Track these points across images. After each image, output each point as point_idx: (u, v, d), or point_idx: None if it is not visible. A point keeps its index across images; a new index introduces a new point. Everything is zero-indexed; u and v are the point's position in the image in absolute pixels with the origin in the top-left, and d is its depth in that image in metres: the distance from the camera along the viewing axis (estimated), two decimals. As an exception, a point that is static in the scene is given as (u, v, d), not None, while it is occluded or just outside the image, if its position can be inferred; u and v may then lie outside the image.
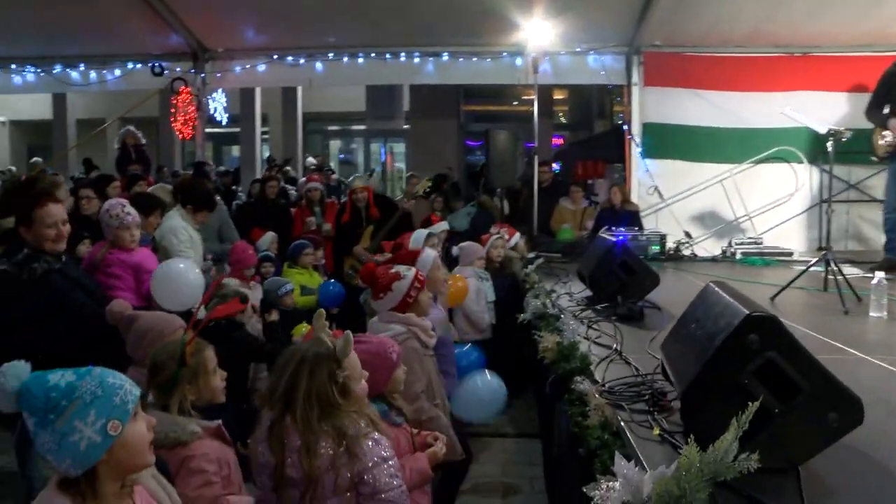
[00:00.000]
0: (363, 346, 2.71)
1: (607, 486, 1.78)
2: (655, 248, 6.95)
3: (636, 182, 8.55)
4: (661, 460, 1.86)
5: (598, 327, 3.79)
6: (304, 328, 4.73)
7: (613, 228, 6.96)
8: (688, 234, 7.56)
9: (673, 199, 8.25)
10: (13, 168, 13.04)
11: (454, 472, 4.20)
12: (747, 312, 1.93)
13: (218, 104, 9.77)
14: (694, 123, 8.40)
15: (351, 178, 7.56)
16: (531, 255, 7.08)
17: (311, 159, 14.32)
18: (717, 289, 2.32)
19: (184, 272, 4.05)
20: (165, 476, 1.96)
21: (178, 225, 5.02)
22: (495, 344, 6.22)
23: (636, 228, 7.38)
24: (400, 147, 19.83)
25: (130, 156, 9.54)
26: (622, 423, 2.31)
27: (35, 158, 12.59)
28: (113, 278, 4.07)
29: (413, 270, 3.45)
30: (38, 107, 16.84)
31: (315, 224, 7.66)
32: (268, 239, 6.91)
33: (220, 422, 2.44)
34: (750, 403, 1.71)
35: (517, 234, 6.91)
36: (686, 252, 7.20)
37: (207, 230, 5.86)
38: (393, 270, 3.44)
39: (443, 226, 7.11)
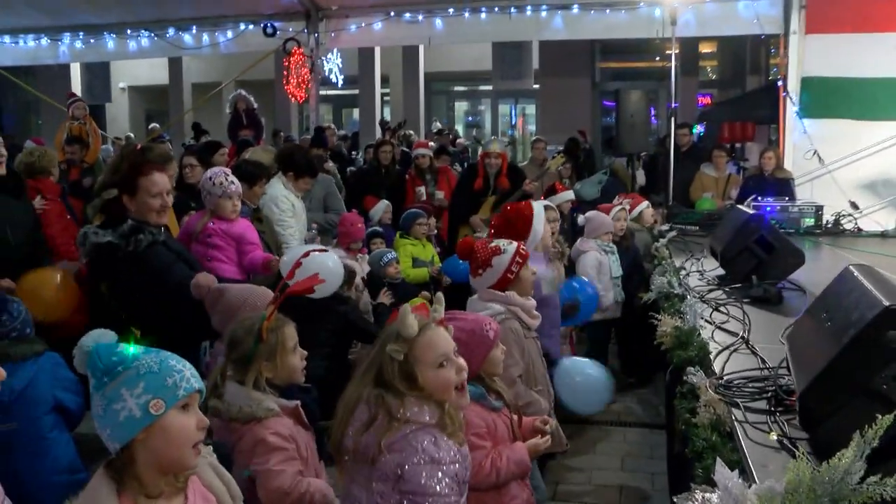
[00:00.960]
0: (457, 323, 2.67)
1: (703, 497, 1.66)
2: (809, 222, 6.43)
3: (790, 146, 7.96)
4: (776, 472, 1.71)
5: (726, 310, 3.55)
6: (417, 302, 4.76)
7: (760, 198, 6.52)
8: (854, 205, 6.95)
9: (836, 165, 7.59)
10: (132, 135, 13.94)
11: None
12: (887, 304, 1.72)
13: (333, 65, 10.00)
14: (868, 75, 7.64)
15: (487, 141, 7.36)
16: (665, 227, 6.78)
17: (436, 123, 14.47)
18: (856, 273, 2.09)
19: (323, 260, 4.11)
20: (226, 464, 2.01)
21: (280, 193, 5.18)
22: (622, 324, 6.07)
23: (786, 198, 6.86)
24: (532, 108, 19.59)
25: (241, 120, 9.95)
26: (736, 423, 2.15)
27: (153, 125, 13.44)
28: (214, 249, 4.23)
29: (514, 245, 3.36)
30: (155, 72, 17.77)
31: (425, 193, 7.70)
32: (381, 208, 7.03)
33: (298, 402, 2.50)
34: (886, 414, 1.53)
35: (643, 204, 6.63)
36: (848, 226, 6.61)
37: (312, 199, 6.03)
38: (493, 244, 3.37)
39: (566, 196, 6.93)
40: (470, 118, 19.91)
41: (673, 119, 7.47)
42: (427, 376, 2.18)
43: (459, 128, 18.74)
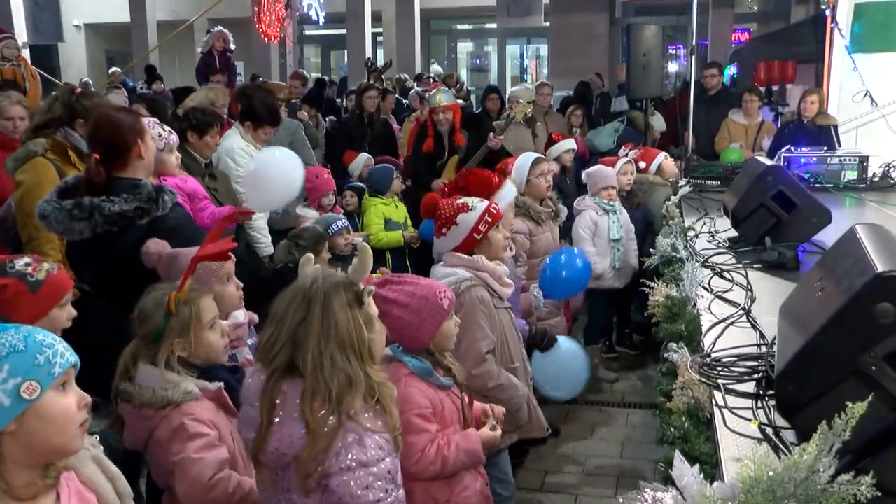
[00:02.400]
0: (407, 287, 2.61)
1: (653, 496, 1.57)
2: (851, 174, 6.23)
3: (837, 87, 7.72)
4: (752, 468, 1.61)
5: (730, 277, 3.45)
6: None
7: (793, 148, 6.35)
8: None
9: (890, 108, 7.32)
10: (89, 81, 13.63)
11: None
12: (879, 270, 1.60)
13: (314, 0, 9.80)
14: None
15: (431, 94, 6.96)
16: (681, 181, 6.65)
17: (435, 66, 14.25)
18: (860, 234, 1.96)
19: (280, 161, 4.07)
20: (115, 456, 1.93)
21: (237, 145, 5.07)
22: (624, 294, 5.99)
23: (825, 148, 6.67)
24: (545, 49, 19.28)
25: (214, 63, 9.80)
26: (715, 409, 2.05)
27: (113, 69, 13.23)
28: None
29: (485, 203, 3.28)
30: (116, 8, 17.38)
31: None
32: (360, 162, 6.88)
33: (220, 384, 2.43)
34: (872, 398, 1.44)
35: (660, 156, 6.49)
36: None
37: None
38: (460, 201, 3.27)
39: (564, 145, 6.82)
40: (475, 61, 19.63)
41: (694, 57, 7.24)
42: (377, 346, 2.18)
43: (462, 73, 18.46)
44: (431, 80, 11.14)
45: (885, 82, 7.44)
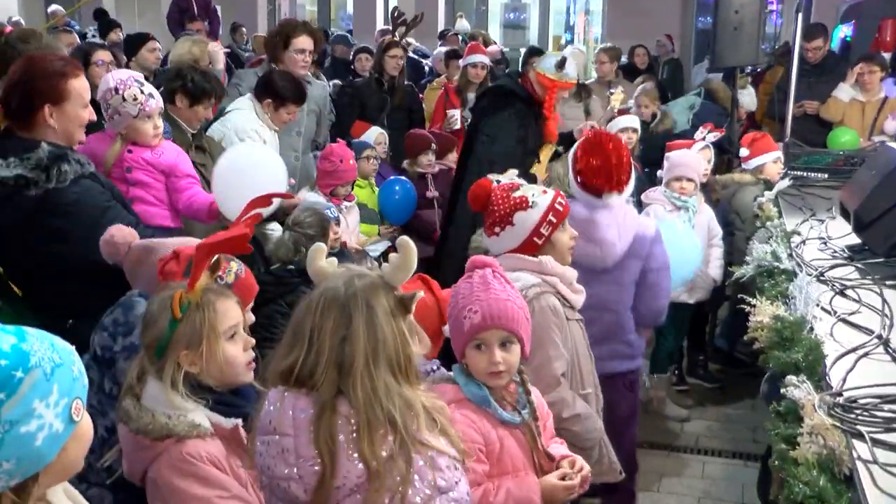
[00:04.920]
0: (461, 288, 2.67)
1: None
2: None
3: None
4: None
5: (857, 296, 3.42)
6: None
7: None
8: None
9: None
10: (21, 20, 13.45)
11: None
12: None
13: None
14: None
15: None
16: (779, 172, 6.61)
17: (463, 22, 14.22)
18: None
19: (259, 162, 4.17)
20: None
21: (249, 125, 5.11)
22: (700, 312, 5.98)
23: None
24: (598, 2, 19.27)
25: (191, 9, 9.84)
26: (859, 463, 2.04)
27: (53, 6, 13.10)
28: (136, 186, 4.19)
29: (550, 196, 3.28)
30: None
31: (460, 118, 7.62)
32: (371, 136, 6.89)
33: (238, 422, 2.40)
34: None
35: (773, 154, 6.38)
36: None
37: (301, 131, 6.01)
38: (518, 193, 3.27)
39: (625, 121, 6.80)
40: (510, 15, 19.60)
41: (800, 15, 7.18)
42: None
43: (493, 29, 18.43)
44: (462, 39, 11.12)
45: None
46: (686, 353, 6.38)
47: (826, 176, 6.69)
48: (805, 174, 6.68)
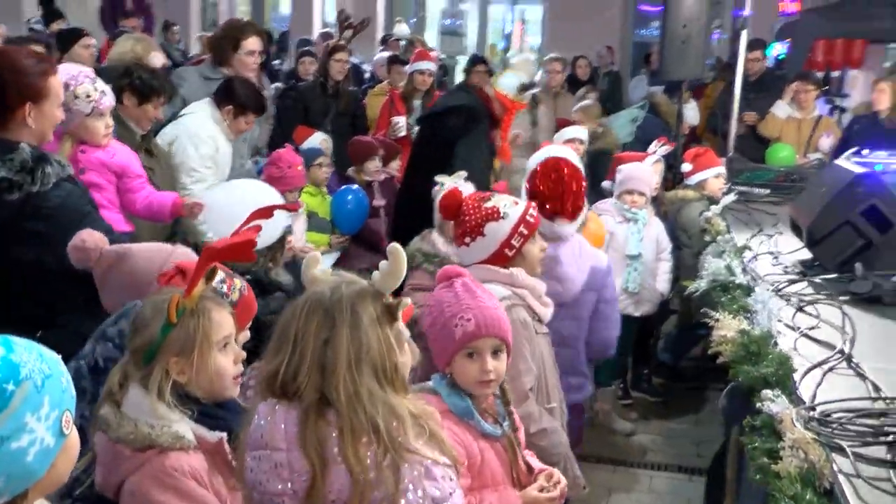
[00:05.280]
0: (445, 295, 2.68)
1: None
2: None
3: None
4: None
5: (816, 311, 3.53)
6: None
7: (869, 151, 6.47)
8: None
9: None
10: None
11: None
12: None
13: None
14: None
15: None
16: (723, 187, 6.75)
17: (402, 27, 14.22)
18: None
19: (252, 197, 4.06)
20: None
21: (205, 130, 5.02)
22: (646, 325, 6.07)
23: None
24: (536, 12, 19.44)
25: (123, 3, 9.70)
26: (841, 477, 2.11)
27: None
28: (91, 190, 4.06)
29: (521, 207, 3.30)
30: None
31: (404, 127, 7.60)
32: (315, 142, 6.84)
33: (223, 436, 2.34)
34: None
35: (716, 170, 6.47)
36: None
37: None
38: (490, 204, 3.28)
39: (569, 133, 6.89)
40: (446, 21, 19.69)
41: (745, 32, 7.36)
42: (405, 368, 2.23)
43: (431, 35, 18.50)
44: (403, 43, 11.12)
45: None
46: (630, 366, 6.46)
47: (768, 191, 6.87)
48: (748, 189, 6.85)
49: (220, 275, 2.63)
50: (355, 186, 6.22)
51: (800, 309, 3.58)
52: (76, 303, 3.13)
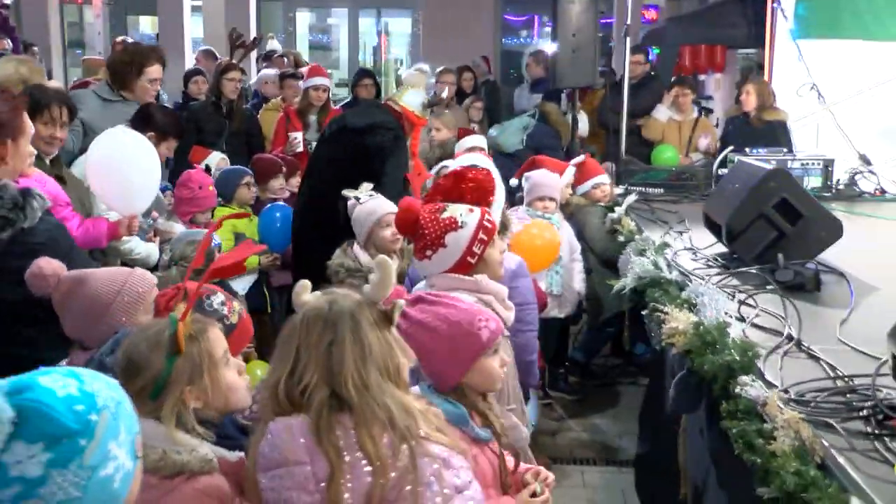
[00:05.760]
0: (440, 308, 2.67)
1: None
2: (815, 181, 6.77)
3: (780, 79, 8.33)
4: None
5: (754, 302, 3.73)
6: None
7: (753, 150, 6.82)
8: (864, 159, 7.32)
9: (839, 103, 7.94)
10: None
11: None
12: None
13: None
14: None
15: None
16: (619, 189, 6.99)
17: (274, 42, 14.15)
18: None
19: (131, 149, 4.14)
20: None
21: None
22: (562, 327, 6.24)
23: (784, 151, 7.21)
24: (402, 24, 19.55)
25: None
26: (834, 452, 2.26)
27: None
28: None
29: (477, 214, 3.35)
30: None
31: (301, 143, 7.62)
32: (212, 162, 6.74)
33: (242, 455, 2.35)
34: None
35: (599, 177, 6.65)
36: (867, 187, 6.97)
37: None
38: (445, 215, 3.34)
39: (469, 142, 7.02)
40: (317, 37, 19.64)
41: (628, 39, 7.64)
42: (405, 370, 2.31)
43: (301, 51, 18.42)
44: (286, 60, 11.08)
45: (834, 74, 7.94)
46: (547, 367, 6.59)
47: (662, 191, 7.17)
48: (643, 189, 7.12)
49: (219, 296, 2.64)
50: (281, 203, 6.18)
51: (742, 303, 3.73)
52: (57, 339, 3.07)
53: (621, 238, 5.63)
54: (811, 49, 8.11)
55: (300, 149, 7.65)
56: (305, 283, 2.36)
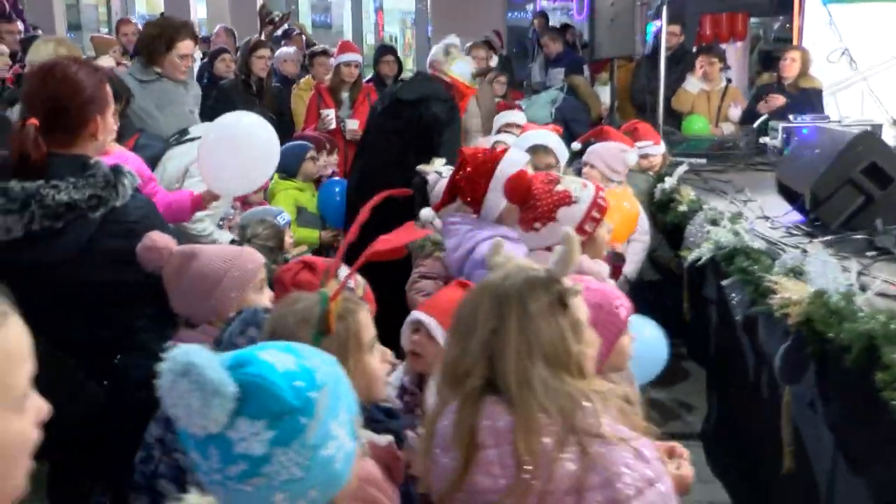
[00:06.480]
0: None
1: None
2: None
3: (810, 44, 8.21)
4: None
5: (866, 270, 3.61)
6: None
7: (796, 117, 6.72)
8: (897, 123, 7.20)
9: (874, 70, 7.88)
10: None
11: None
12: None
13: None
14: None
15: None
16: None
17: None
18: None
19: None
20: None
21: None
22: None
23: (828, 117, 7.11)
24: (402, 1, 19.36)
25: (3, 6, 9.23)
26: None
27: None
28: None
29: (591, 190, 3.27)
30: None
31: (334, 120, 7.45)
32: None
33: (391, 438, 2.28)
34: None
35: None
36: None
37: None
38: (560, 187, 3.24)
39: (506, 117, 6.92)
40: (316, 16, 19.43)
41: (665, 8, 7.48)
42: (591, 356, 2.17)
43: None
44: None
45: (866, 39, 7.89)
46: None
47: (705, 161, 7.06)
48: (686, 160, 7.01)
49: (344, 269, 2.56)
50: (341, 179, 6.10)
51: (861, 273, 3.58)
52: (149, 320, 2.96)
53: (683, 208, 5.51)
54: (841, 14, 8.01)
55: (333, 126, 7.54)
56: (499, 242, 2.28)
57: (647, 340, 4.17)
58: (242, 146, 3.82)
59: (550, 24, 13.11)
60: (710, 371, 5.52)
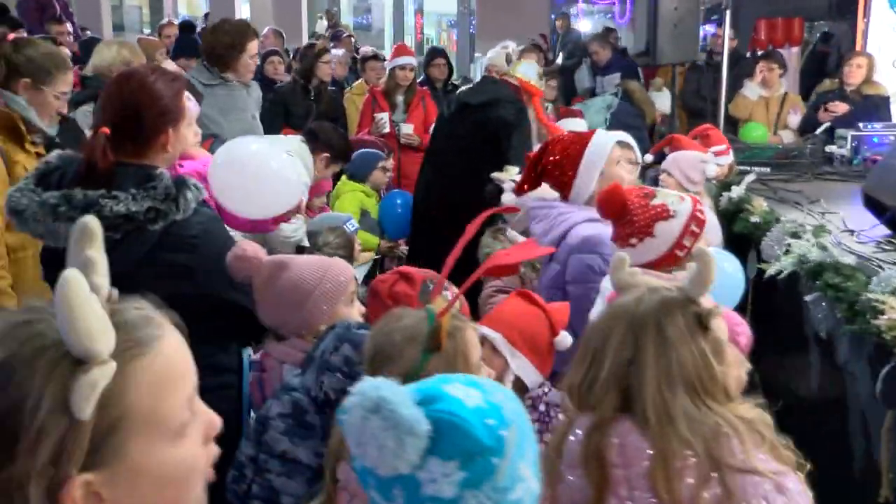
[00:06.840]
0: None
1: None
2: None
3: (875, 50, 8.05)
4: None
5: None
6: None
7: (865, 126, 6.53)
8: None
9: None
10: None
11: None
12: None
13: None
14: None
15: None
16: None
17: (322, 23, 13.93)
18: None
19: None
20: None
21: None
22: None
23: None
24: (443, 4, 19.26)
25: (54, 7, 9.19)
26: None
27: None
28: None
29: (689, 203, 3.11)
30: None
31: (388, 124, 7.36)
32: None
33: None
34: None
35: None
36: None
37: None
38: (657, 201, 3.09)
39: (570, 124, 6.77)
40: (359, 19, 19.40)
41: (728, 12, 7.32)
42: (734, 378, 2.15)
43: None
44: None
45: None
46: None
47: (769, 170, 6.88)
48: (750, 169, 6.83)
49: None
50: (404, 191, 6.04)
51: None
52: (211, 335, 2.87)
53: (755, 219, 5.34)
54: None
55: (387, 129, 7.45)
56: (622, 257, 2.18)
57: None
58: (248, 174, 3.70)
59: (590, 29, 12.97)
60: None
